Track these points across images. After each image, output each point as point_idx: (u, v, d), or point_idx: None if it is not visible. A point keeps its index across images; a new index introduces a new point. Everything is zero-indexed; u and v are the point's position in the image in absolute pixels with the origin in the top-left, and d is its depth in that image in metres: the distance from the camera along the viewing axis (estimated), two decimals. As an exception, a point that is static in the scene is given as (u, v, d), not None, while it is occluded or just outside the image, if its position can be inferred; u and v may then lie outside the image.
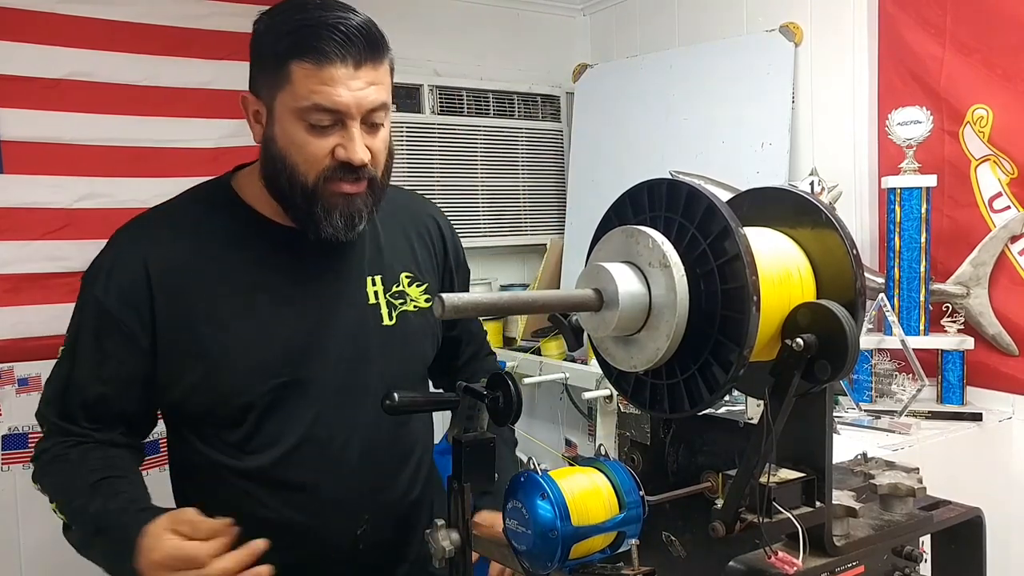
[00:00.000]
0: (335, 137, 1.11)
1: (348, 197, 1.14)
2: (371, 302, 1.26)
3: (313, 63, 1.07)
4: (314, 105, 1.08)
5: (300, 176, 1.13)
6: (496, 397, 1.03)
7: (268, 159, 1.16)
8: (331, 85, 1.07)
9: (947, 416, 2.00)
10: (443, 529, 1.01)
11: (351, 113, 1.09)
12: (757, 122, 2.55)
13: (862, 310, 0.73)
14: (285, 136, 1.12)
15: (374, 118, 1.13)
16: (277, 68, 1.09)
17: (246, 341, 1.17)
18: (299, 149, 1.11)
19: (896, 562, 0.83)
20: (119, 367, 1.18)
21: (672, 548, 0.93)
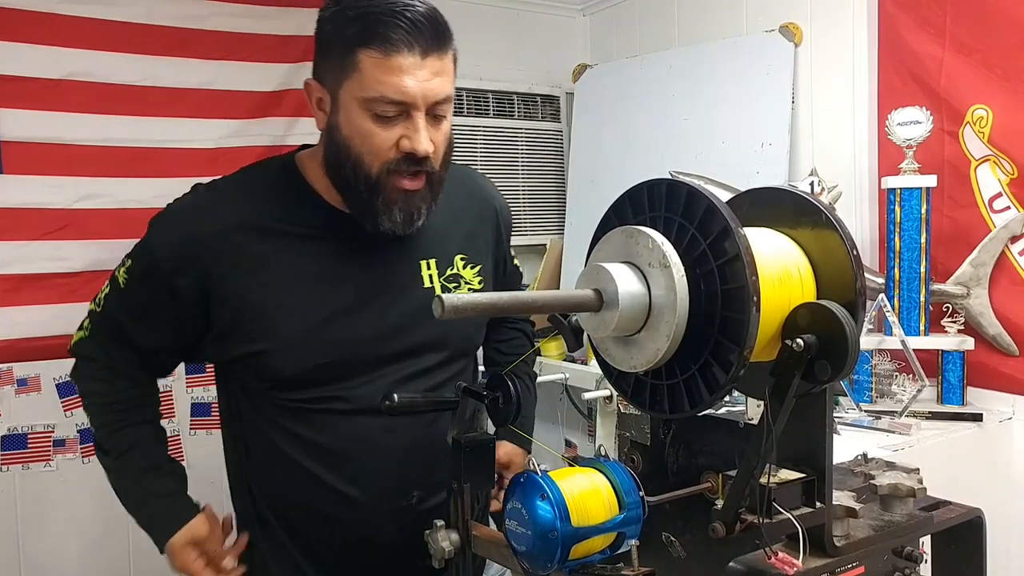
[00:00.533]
0: (400, 128, 1.10)
1: (408, 194, 1.14)
2: (426, 285, 1.25)
3: (381, 52, 1.06)
4: (381, 96, 1.07)
5: (364, 167, 1.12)
6: (496, 397, 1.03)
7: (331, 147, 1.15)
8: (398, 75, 1.06)
9: (947, 416, 2.00)
10: (443, 530, 1.01)
11: (417, 104, 1.09)
12: (757, 122, 2.55)
13: (862, 310, 0.73)
14: (350, 125, 1.11)
15: (438, 110, 1.12)
16: (343, 56, 1.08)
17: (296, 318, 1.17)
18: (364, 139, 1.11)
19: (896, 562, 0.83)
20: (152, 312, 1.21)
21: (672, 549, 0.93)
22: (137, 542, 2.44)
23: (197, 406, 2.52)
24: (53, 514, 2.33)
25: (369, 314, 1.20)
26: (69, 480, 2.34)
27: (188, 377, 2.50)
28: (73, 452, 2.35)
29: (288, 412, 1.21)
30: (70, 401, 2.35)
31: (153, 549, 1.36)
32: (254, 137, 2.55)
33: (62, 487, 2.34)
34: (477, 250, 1.33)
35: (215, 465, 2.46)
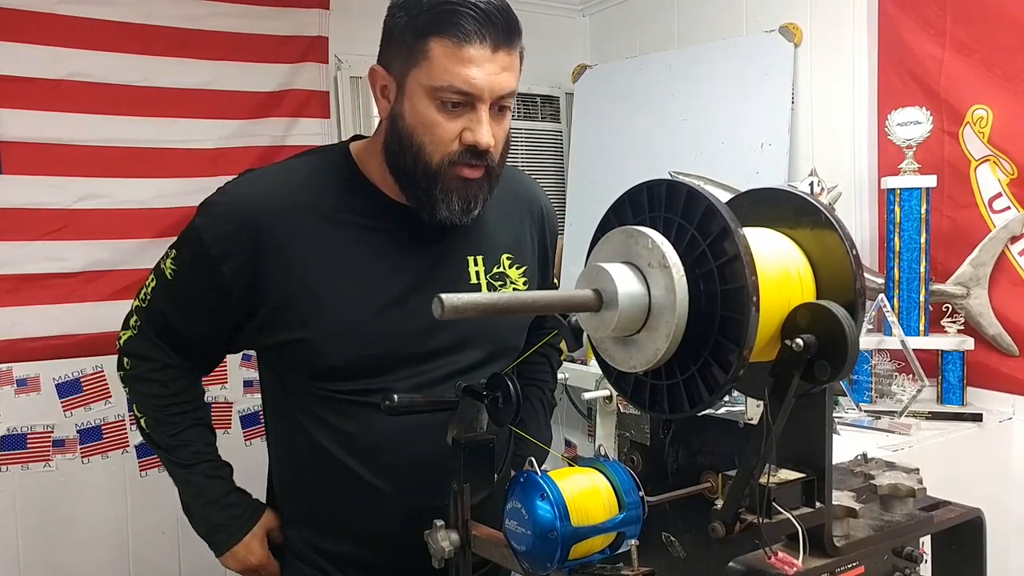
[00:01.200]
0: (463, 120, 1.11)
1: (467, 182, 1.15)
2: (472, 282, 1.26)
3: (453, 42, 1.07)
4: (449, 85, 1.08)
5: (426, 156, 1.12)
6: (496, 397, 1.03)
7: (394, 135, 1.15)
8: (468, 66, 1.07)
9: (947, 416, 2.00)
10: (442, 530, 1.01)
11: (483, 96, 1.10)
12: (756, 123, 2.55)
13: (862, 310, 0.73)
14: (415, 114, 1.12)
15: (503, 103, 1.14)
16: (414, 43, 1.09)
17: (343, 307, 1.17)
18: (428, 128, 1.11)
19: (896, 563, 0.83)
20: (199, 301, 1.21)
21: (672, 549, 0.93)
22: (137, 542, 2.44)
23: (197, 406, 2.52)
24: (53, 514, 2.33)
25: (415, 307, 1.19)
26: (68, 480, 2.35)
27: (188, 377, 2.50)
28: (72, 452, 2.35)
29: (325, 402, 1.21)
30: (69, 401, 2.35)
31: (153, 549, 1.37)
32: (254, 137, 2.56)
33: (61, 487, 2.34)
34: (523, 251, 1.33)
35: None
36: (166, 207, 2.43)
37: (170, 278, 1.23)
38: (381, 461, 1.20)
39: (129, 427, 2.43)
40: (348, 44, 2.72)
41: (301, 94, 2.64)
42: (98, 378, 2.38)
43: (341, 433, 1.21)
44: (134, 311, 1.32)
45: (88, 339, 2.34)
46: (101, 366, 2.38)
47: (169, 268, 1.24)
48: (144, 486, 2.45)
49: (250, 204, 1.18)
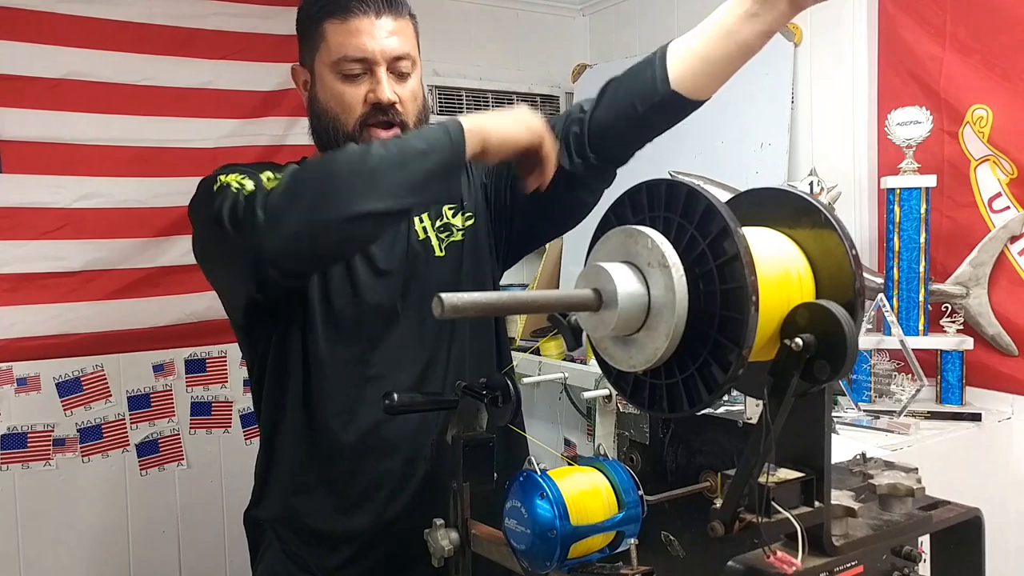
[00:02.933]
0: (366, 84, 1.24)
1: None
2: (421, 237, 1.34)
3: (340, 19, 1.22)
4: (344, 56, 1.22)
5: (342, 125, 1.25)
6: (495, 397, 1.03)
7: (314, 116, 1.30)
8: (356, 36, 1.21)
9: (946, 416, 2.00)
10: (442, 529, 1.01)
11: (376, 59, 1.22)
12: (756, 122, 2.55)
13: (861, 310, 0.73)
14: (325, 91, 1.26)
15: (400, 67, 1.25)
16: (313, 31, 1.25)
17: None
18: (337, 100, 1.25)
19: (895, 562, 0.83)
20: None
21: (671, 548, 0.93)
22: (137, 541, 2.44)
23: (197, 405, 2.52)
24: (53, 513, 2.33)
25: (369, 266, 1.29)
26: (69, 479, 2.35)
27: (188, 377, 2.50)
28: (73, 451, 2.35)
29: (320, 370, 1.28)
30: (69, 400, 2.35)
31: (153, 548, 1.36)
32: (254, 137, 2.56)
33: (62, 486, 2.34)
34: (463, 198, 1.40)
35: (214, 464, 2.47)
36: (166, 206, 2.43)
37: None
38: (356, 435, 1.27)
39: (129, 426, 2.44)
40: (348, 43, 2.71)
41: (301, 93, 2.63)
42: (98, 377, 2.38)
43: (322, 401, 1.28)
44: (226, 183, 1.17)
45: (88, 338, 2.34)
46: (101, 365, 2.38)
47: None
48: (144, 485, 2.45)
49: None
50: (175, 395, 2.49)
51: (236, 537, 2.54)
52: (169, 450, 2.48)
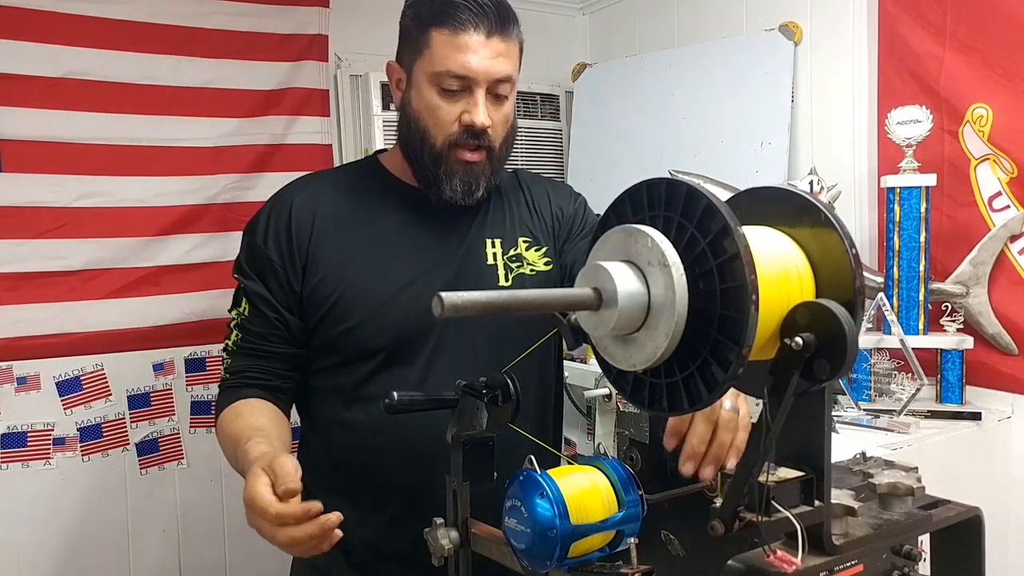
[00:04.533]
0: (462, 103, 1.23)
1: (468, 164, 1.26)
2: (489, 262, 1.34)
3: (449, 30, 1.20)
4: (447, 70, 1.21)
5: (431, 138, 1.25)
6: (495, 396, 1.03)
7: (404, 120, 1.30)
8: (463, 52, 1.20)
9: (946, 415, 2.00)
10: (442, 528, 1.01)
11: (478, 80, 1.21)
12: (756, 121, 2.55)
13: (861, 309, 0.73)
14: (420, 99, 1.25)
15: (499, 89, 1.24)
16: (418, 36, 1.23)
17: (366, 282, 1.28)
18: (431, 112, 1.24)
19: (895, 561, 0.83)
20: (278, 302, 1.30)
21: (671, 547, 0.93)
22: (137, 540, 2.44)
23: (197, 404, 2.52)
24: (53, 513, 2.33)
25: (434, 283, 1.29)
26: (69, 479, 2.35)
27: (188, 376, 2.50)
28: (73, 450, 2.35)
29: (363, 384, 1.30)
30: (69, 399, 2.35)
31: (153, 547, 1.37)
32: (254, 136, 2.56)
33: (62, 485, 2.34)
34: (541, 234, 1.40)
35: (214, 464, 2.47)
36: (166, 205, 2.43)
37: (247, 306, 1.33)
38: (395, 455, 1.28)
39: (129, 425, 2.44)
40: (348, 42, 2.71)
41: (301, 92, 2.63)
42: (98, 376, 2.38)
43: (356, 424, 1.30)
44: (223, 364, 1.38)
45: (88, 337, 2.34)
46: (101, 364, 2.38)
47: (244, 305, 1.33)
48: (144, 484, 2.45)
49: (288, 207, 1.32)
50: (175, 394, 2.49)
51: (236, 537, 2.54)
52: (169, 449, 2.48)
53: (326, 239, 1.30)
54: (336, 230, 1.31)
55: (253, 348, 1.31)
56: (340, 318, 1.28)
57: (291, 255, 1.29)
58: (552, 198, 1.46)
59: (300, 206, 1.32)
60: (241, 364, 1.31)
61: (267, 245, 1.31)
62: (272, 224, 1.32)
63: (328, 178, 1.41)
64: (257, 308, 1.30)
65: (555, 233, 1.42)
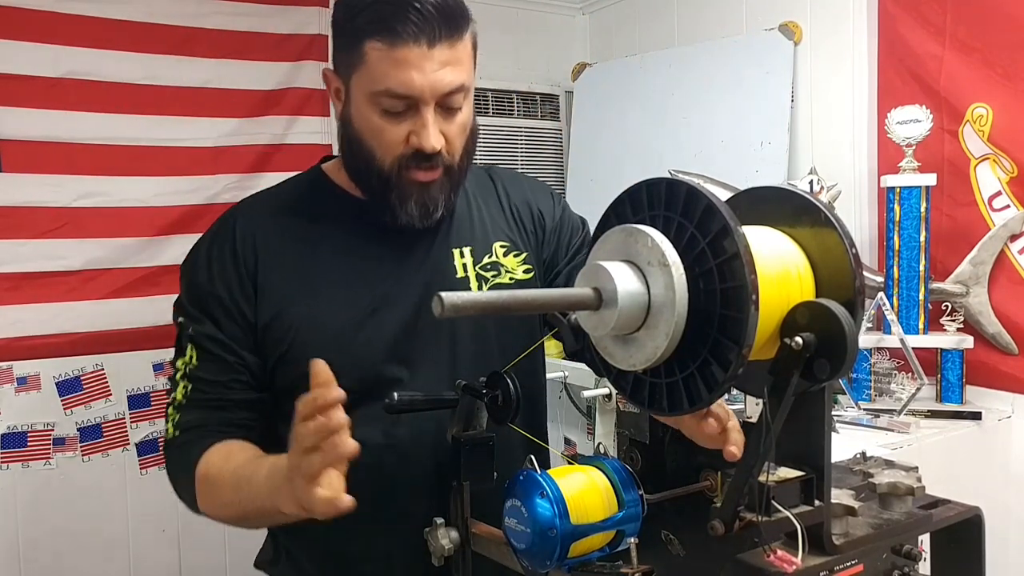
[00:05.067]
0: (408, 123, 1.06)
1: (423, 185, 1.10)
2: (459, 275, 1.19)
3: (386, 43, 1.02)
4: (386, 90, 1.04)
5: (376, 162, 1.09)
6: (495, 396, 1.03)
7: (345, 139, 1.14)
8: (403, 69, 1.02)
9: (946, 415, 2.00)
10: (442, 528, 1.01)
11: (424, 98, 1.04)
12: (756, 121, 2.55)
13: (861, 309, 0.73)
14: (361, 119, 1.09)
15: (450, 102, 1.07)
16: (352, 47, 1.05)
17: (326, 314, 1.13)
18: (374, 134, 1.08)
19: (895, 561, 0.83)
20: (233, 342, 1.13)
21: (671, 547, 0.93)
22: (137, 540, 2.44)
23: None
24: (53, 513, 2.33)
25: (399, 307, 1.15)
26: (69, 478, 2.35)
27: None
28: (73, 450, 2.35)
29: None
30: (69, 399, 2.35)
31: (153, 547, 1.34)
32: (254, 136, 2.56)
33: (62, 485, 2.34)
34: (522, 239, 1.26)
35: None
36: (166, 205, 2.43)
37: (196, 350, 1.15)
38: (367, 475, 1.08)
39: (129, 425, 2.44)
40: (348, 42, 2.71)
41: (301, 92, 2.64)
42: (98, 376, 2.38)
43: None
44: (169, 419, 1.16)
45: (88, 337, 2.34)
46: (101, 364, 2.38)
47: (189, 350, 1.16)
48: (144, 484, 2.45)
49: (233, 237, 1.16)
50: (175, 394, 2.49)
51: (236, 537, 2.54)
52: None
53: (274, 267, 1.14)
54: (284, 256, 1.15)
55: (209, 399, 1.12)
56: (299, 357, 1.09)
57: (240, 286, 1.13)
58: (533, 200, 1.31)
59: (243, 231, 1.16)
60: (196, 417, 1.12)
61: (212, 280, 1.14)
62: (215, 255, 1.15)
63: (270, 197, 1.23)
64: (209, 353, 1.13)
65: (538, 239, 1.28)
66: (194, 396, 1.13)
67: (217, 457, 1.07)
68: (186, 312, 1.17)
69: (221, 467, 1.06)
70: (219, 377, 1.12)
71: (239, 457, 1.05)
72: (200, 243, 1.19)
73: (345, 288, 1.14)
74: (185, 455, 1.09)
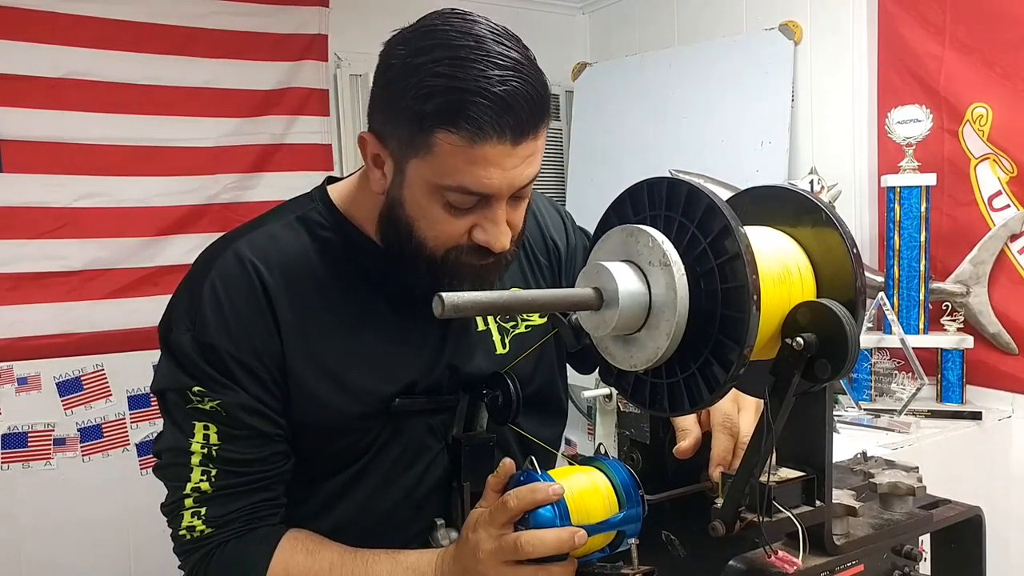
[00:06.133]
0: (474, 216, 0.94)
1: (481, 269, 0.98)
2: (479, 329, 1.09)
3: (464, 139, 0.87)
4: (459, 186, 0.90)
5: (428, 250, 0.96)
6: (496, 396, 1.03)
7: (390, 218, 0.98)
8: (482, 167, 0.88)
9: (947, 415, 2.00)
10: (443, 528, 1.01)
11: (501, 195, 0.92)
12: (757, 120, 2.55)
13: (862, 309, 0.73)
14: (416, 206, 0.94)
15: (523, 193, 0.95)
16: (417, 131, 0.89)
17: (347, 379, 1.01)
18: (431, 224, 0.94)
19: (896, 561, 0.83)
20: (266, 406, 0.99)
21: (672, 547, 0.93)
22: (137, 540, 2.44)
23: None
24: (53, 513, 2.33)
25: (432, 378, 1.05)
26: (69, 479, 2.35)
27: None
28: (73, 451, 2.35)
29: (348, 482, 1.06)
30: (70, 399, 2.35)
31: (154, 547, 1.35)
32: (254, 135, 2.56)
33: (62, 486, 2.34)
34: (535, 279, 1.17)
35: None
36: (166, 205, 2.43)
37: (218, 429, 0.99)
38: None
39: (130, 425, 2.44)
40: (348, 42, 2.71)
41: (301, 92, 2.64)
42: (98, 376, 2.38)
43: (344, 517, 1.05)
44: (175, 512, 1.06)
45: (88, 337, 2.34)
46: (101, 364, 2.38)
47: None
48: (144, 484, 2.45)
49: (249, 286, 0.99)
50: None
51: (236, 536, 2.54)
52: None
53: (295, 339, 0.99)
54: (306, 324, 1.00)
55: (250, 481, 0.98)
56: (324, 439, 1.02)
57: (263, 337, 0.97)
58: (545, 230, 1.20)
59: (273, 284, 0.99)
60: (237, 507, 0.98)
61: (221, 334, 0.96)
62: (223, 303, 0.97)
63: (274, 238, 1.03)
64: (240, 426, 0.97)
65: (553, 272, 1.19)
66: (228, 482, 0.98)
67: (300, 555, 0.95)
68: (188, 386, 0.97)
69: (308, 565, 0.94)
70: (258, 454, 0.98)
71: (327, 554, 0.95)
72: (191, 296, 0.99)
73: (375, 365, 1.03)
74: (239, 555, 0.97)
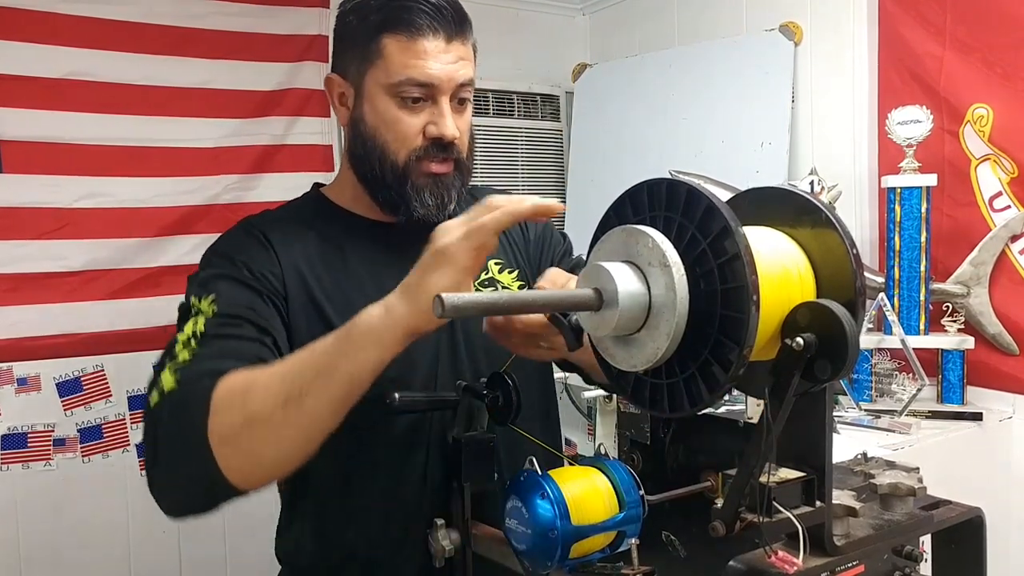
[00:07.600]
0: (425, 114, 1.10)
1: (437, 177, 1.13)
2: None
3: (406, 36, 1.07)
4: (407, 79, 1.08)
5: (391, 155, 1.12)
6: (496, 396, 1.03)
7: (357, 139, 1.14)
8: (423, 58, 1.08)
9: (947, 416, 2.00)
10: (443, 528, 1.01)
11: (443, 87, 1.09)
12: (757, 121, 2.55)
13: (862, 309, 0.73)
14: (375, 114, 1.12)
15: (462, 94, 1.13)
16: (368, 44, 1.09)
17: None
18: (390, 126, 1.11)
19: (896, 562, 0.83)
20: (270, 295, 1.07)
21: (672, 548, 0.93)
22: (138, 540, 2.44)
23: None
24: (53, 514, 2.33)
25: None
26: (69, 479, 2.35)
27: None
28: (73, 451, 2.35)
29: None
30: (70, 400, 2.35)
31: (154, 547, 1.34)
32: (254, 136, 2.56)
33: (62, 486, 2.34)
34: (513, 255, 1.29)
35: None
36: (166, 206, 2.43)
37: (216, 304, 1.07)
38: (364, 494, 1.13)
39: (130, 426, 2.44)
40: (348, 43, 2.71)
41: (301, 93, 2.64)
42: (98, 377, 2.38)
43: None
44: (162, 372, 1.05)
45: (88, 338, 2.34)
46: (101, 365, 2.38)
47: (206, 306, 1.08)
48: (145, 485, 2.44)
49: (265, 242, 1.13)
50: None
51: (236, 537, 2.54)
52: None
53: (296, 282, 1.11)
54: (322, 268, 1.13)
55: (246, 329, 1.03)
56: None
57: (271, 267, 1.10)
58: (535, 230, 1.33)
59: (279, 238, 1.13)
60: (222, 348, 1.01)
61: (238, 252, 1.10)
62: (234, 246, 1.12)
63: (290, 219, 1.19)
64: (243, 287, 1.06)
65: (527, 253, 1.31)
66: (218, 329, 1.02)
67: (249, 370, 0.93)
68: (205, 271, 1.10)
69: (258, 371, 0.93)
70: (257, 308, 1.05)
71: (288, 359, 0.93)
72: (209, 251, 1.14)
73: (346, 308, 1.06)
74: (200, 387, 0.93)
